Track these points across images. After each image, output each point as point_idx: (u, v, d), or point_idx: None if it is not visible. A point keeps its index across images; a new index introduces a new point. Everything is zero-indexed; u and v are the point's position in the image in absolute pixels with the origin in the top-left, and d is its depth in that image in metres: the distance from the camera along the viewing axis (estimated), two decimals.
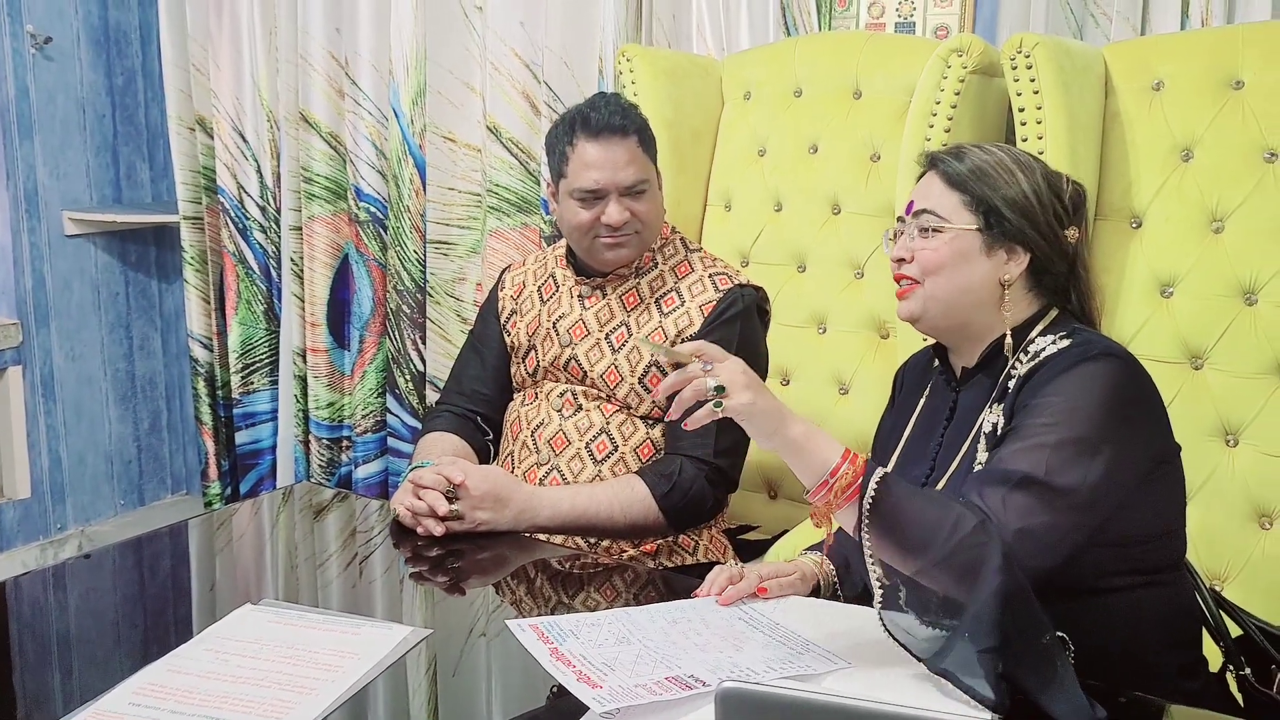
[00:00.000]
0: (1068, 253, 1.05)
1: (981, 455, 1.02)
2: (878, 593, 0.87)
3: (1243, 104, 1.41)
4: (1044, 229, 1.03)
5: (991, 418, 1.02)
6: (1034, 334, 1.04)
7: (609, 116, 1.37)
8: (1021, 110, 1.46)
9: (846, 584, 1.12)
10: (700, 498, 1.36)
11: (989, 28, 1.78)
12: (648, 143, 1.42)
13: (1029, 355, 1.02)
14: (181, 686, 0.87)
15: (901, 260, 1.06)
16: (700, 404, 0.92)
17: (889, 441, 1.17)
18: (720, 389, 0.91)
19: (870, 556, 0.87)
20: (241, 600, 1.04)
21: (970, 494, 0.93)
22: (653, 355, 1.05)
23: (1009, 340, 1.03)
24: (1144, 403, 1.00)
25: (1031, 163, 1.06)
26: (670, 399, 0.94)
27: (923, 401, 1.14)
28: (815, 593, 1.10)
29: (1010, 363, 1.03)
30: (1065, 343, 1.00)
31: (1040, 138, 1.45)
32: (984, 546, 0.85)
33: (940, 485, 1.05)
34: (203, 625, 1.00)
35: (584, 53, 2.01)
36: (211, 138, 2.44)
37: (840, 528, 0.92)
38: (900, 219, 1.10)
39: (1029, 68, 1.44)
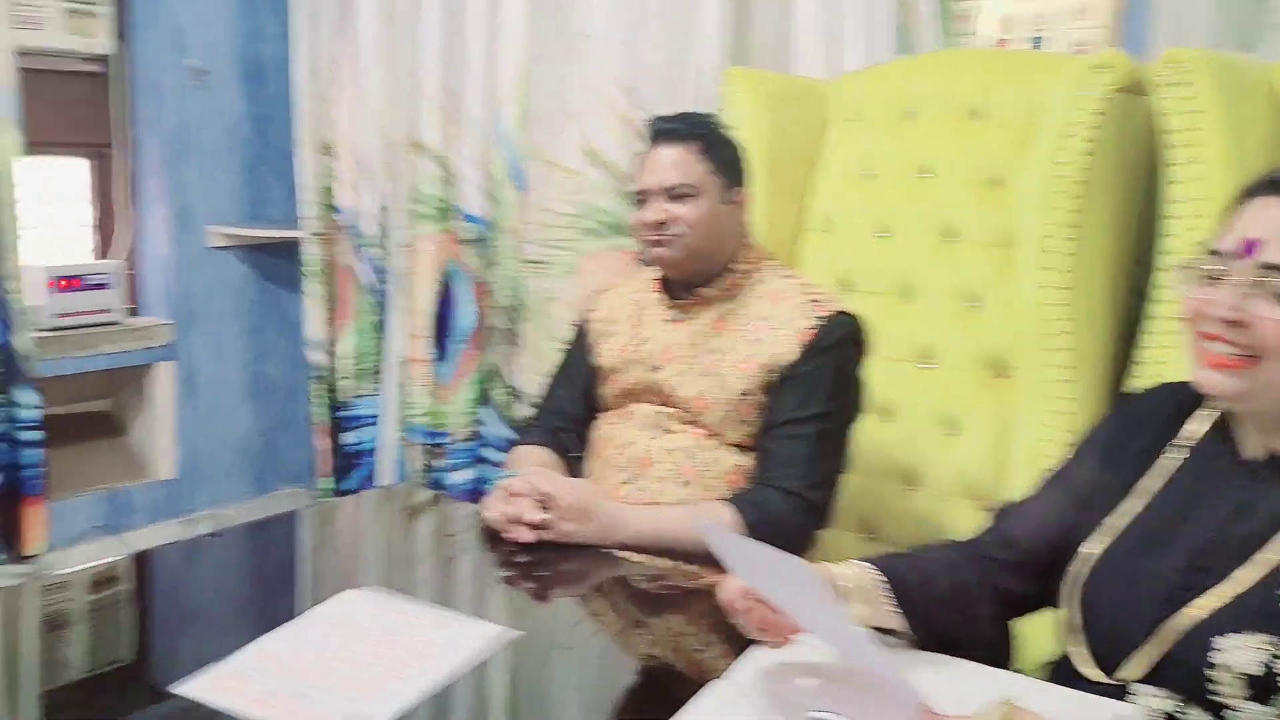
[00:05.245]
0: None
1: None
2: None
3: None
4: None
5: None
6: None
7: (671, 124, 1.27)
8: (1174, 133, 1.15)
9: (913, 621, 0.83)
10: (788, 531, 1.14)
11: (1138, 42, 1.46)
12: (712, 153, 1.24)
13: None
14: (289, 657, 0.87)
15: (1236, 324, 0.71)
16: None
17: (1095, 498, 0.83)
18: None
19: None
20: (344, 584, 1.01)
21: None
22: None
23: None
24: None
25: None
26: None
27: (1180, 471, 0.79)
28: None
29: None
30: None
31: (1194, 162, 1.14)
32: None
33: (1227, 601, 0.71)
34: (308, 603, 0.98)
35: (683, 75, 1.81)
36: (334, 161, 2.36)
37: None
38: (1214, 252, 0.73)
39: (1186, 84, 1.13)
